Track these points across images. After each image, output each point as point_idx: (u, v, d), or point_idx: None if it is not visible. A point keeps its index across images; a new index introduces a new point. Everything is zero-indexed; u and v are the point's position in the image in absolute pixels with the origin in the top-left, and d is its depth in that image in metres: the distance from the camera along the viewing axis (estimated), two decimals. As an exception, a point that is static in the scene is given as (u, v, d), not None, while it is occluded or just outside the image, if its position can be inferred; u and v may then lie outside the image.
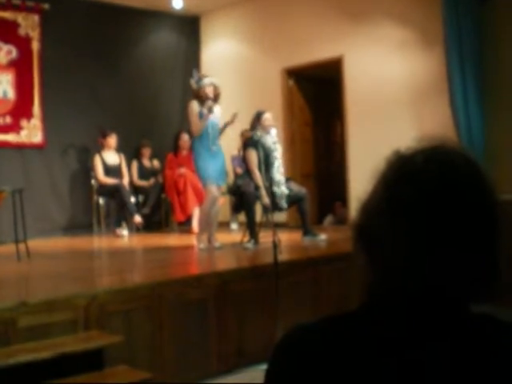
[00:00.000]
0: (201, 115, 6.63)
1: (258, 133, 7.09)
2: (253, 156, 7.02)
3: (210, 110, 6.63)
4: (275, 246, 4.93)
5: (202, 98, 6.69)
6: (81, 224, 9.39)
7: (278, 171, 7.15)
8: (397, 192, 0.96)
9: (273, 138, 7.20)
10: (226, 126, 6.87)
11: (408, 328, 0.96)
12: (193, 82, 6.83)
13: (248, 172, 7.17)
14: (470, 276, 0.94)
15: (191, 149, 7.15)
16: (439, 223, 0.92)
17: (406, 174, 0.97)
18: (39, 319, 3.96)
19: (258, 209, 7.21)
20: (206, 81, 6.78)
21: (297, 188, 7.36)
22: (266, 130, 7.14)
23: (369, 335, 0.96)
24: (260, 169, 6.94)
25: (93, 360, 3.89)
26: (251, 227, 6.97)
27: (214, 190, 6.69)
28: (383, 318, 0.97)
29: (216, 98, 6.78)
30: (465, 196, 0.94)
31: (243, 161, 7.41)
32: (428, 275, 0.93)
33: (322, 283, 5.63)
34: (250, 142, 7.15)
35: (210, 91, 6.71)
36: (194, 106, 6.71)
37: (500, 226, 0.96)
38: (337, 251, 6.51)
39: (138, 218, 8.92)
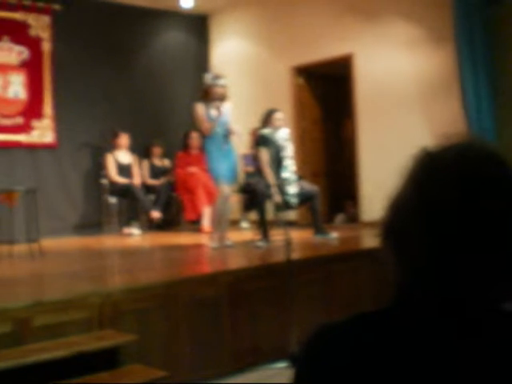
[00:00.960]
0: (208, 116, 6.63)
1: (269, 131, 7.08)
2: (264, 154, 7.02)
3: (220, 111, 6.62)
4: (288, 244, 4.93)
5: (210, 96, 6.68)
6: (92, 223, 9.43)
7: (289, 169, 7.15)
8: (427, 190, 0.95)
9: (284, 136, 7.20)
10: (229, 132, 6.83)
11: (440, 327, 0.95)
12: (208, 78, 6.79)
13: (259, 170, 7.18)
14: (504, 275, 0.93)
15: (202, 148, 7.14)
16: (471, 221, 0.91)
17: (435, 171, 0.96)
18: (54, 318, 3.97)
19: (269, 207, 7.21)
20: (221, 81, 6.77)
21: (308, 186, 7.36)
22: (277, 128, 7.14)
23: (399, 334, 0.96)
24: (271, 167, 6.94)
25: (108, 359, 3.90)
26: (262, 226, 6.97)
27: (225, 189, 6.70)
28: (413, 316, 0.96)
29: (223, 99, 6.76)
30: (497, 192, 0.93)
31: (254, 159, 7.41)
32: (460, 276, 0.92)
33: (334, 281, 5.62)
34: (261, 140, 7.14)
35: (221, 92, 6.70)
36: (199, 108, 6.70)
37: None
38: (349, 249, 6.51)
39: (155, 213, 8.97)
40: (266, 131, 7.08)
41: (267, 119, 7.17)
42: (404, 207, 0.98)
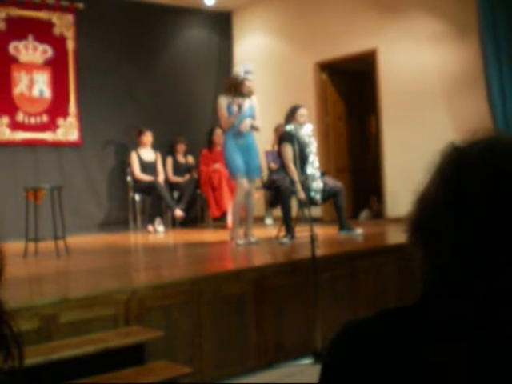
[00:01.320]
0: (229, 110, 6.64)
1: (293, 127, 7.06)
2: (288, 150, 7.01)
3: (240, 108, 6.61)
4: (313, 240, 4.92)
5: (239, 90, 6.66)
6: (117, 220, 9.50)
7: (313, 166, 7.13)
8: (454, 185, 0.94)
9: (308, 133, 7.19)
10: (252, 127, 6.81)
11: (465, 326, 0.94)
12: (241, 71, 6.78)
13: (283, 167, 7.17)
14: None
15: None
16: (500, 215, 0.90)
17: (463, 165, 0.95)
18: (81, 315, 4.00)
19: (294, 203, 7.20)
20: (251, 77, 6.76)
21: (332, 182, 7.34)
22: (301, 125, 7.13)
23: (425, 332, 0.95)
24: (295, 163, 6.92)
25: (133, 355, 3.92)
26: (287, 222, 6.97)
27: (244, 183, 6.68)
28: (439, 315, 0.96)
29: (250, 94, 6.75)
30: None
31: (278, 156, 7.40)
32: (488, 272, 0.91)
33: (359, 278, 5.60)
34: (285, 136, 7.13)
35: (249, 86, 6.70)
36: (222, 101, 6.72)
37: None
38: (374, 246, 6.48)
39: (179, 212, 9.01)
40: (290, 127, 7.05)
41: (291, 115, 7.16)
42: (431, 202, 0.97)
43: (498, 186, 0.91)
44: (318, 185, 7.08)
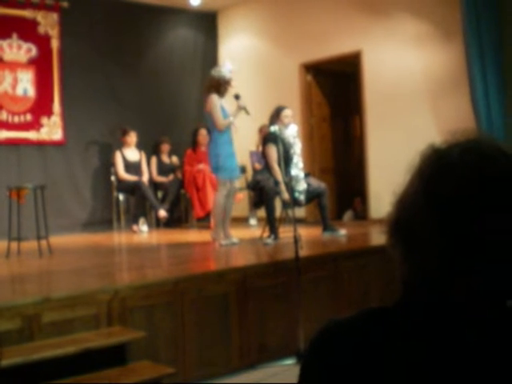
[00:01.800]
0: (222, 110, 6.61)
1: (278, 128, 7.07)
2: (272, 151, 7.01)
3: (246, 110, 6.59)
4: (296, 241, 4.93)
5: (224, 90, 6.65)
6: (100, 220, 9.46)
7: (298, 166, 7.15)
8: (434, 186, 0.94)
9: (292, 133, 7.20)
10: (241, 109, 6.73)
11: (445, 326, 0.94)
12: (226, 71, 6.72)
13: (267, 167, 7.17)
14: (510, 272, 0.92)
15: (210, 142, 6.98)
16: (479, 217, 0.90)
17: (442, 167, 0.95)
18: (62, 315, 3.98)
19: (278, 204, 7.20)
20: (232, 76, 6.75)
21: (316, 183, 7.35)
22: (285, 125, 7.14)
23: (404, 332, 0.95)
24: (279, 164, 6.93)
25: (116, 355, 3.91)
26: (271, 222, 6.97)
27: (227, 184, 6.69)
28: (419, 315, 0.96)
29: (237, 97, 6.72)
30: (505, 188, 0.91)
31: (263, 156, 7.40)
32: (466, 273, 0.91)
33: (342, 278, 5.62)
34: (269, 137, 7.13)
35: (234, 86, 6.70)
36: (216, 99, 6.61)
37: None
38: (357, 247, 6.50)
39: (162, 213, 8.99)
40: (275, 128, 7.07)
41: (276, 116, 7.17)
42: (411, 204, 0.97)
43: (478, 189, 0.91)
44: (302, 186, 7.09)
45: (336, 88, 10.22)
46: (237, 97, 6.64)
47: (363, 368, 0.95)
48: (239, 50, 10.65)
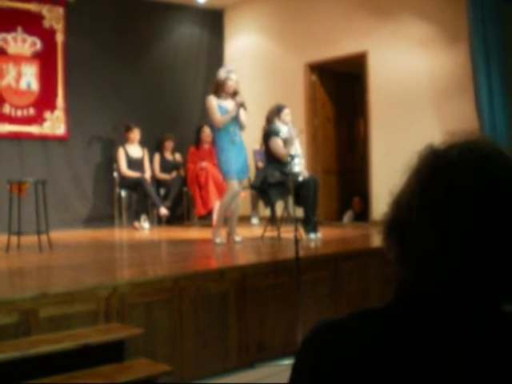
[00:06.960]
0: (220, 109, 6.61)
1: (277, 124, 7.14)
2: (278, 141, 7.05)
3: (243, 106, 6.59)
4: (297, 241, 4.92)
5: (223, 90, 6.65)
6: (102, 216, 9.45)
7: (299, 164, 7.18)
8: (431, 186, 0.93)
9: (291, 132, 7.20)
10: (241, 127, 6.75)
11: (437, 326, 0.94)
12: (222, 73, 6.77)
13: (270, 164, 7.16)
14: (505, 275, 0.91)
15: (213, 143, 7.11)
16: (475, 218, 0.90)
17: (440, 167, 0.95)
18: (60, 310, 3.97)
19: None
20: (234, 76, 6.73)
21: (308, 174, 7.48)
22: (285, 124, 7.20)
23: (398, 331, 0.95)
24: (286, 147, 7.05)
25: (113, 352, 3.89)
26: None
27: (235, 184, 6.66)
28: (413, 315, 0.95)
29: (235, 93, 6.71)
30: (502, 189, 0.91)
31: (265, 153, 7.41)
32: (462, 274, 0.90)
33: (341, 279, 5.60)
34: (271, 131, 7.18)
35: (233, 86, 6.67)
36: (212, 100, 6.66)
37: None
38: (357, 247, 6.48)
39: (163, 210, 8.96)
40: (275, 124, 7.15)
41: (276, 114, 7.25)
42: (407, 204, 0.96)
43: (475, 189, 0.90)
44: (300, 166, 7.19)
45: (341, 89, 10.19)
46: (234, 93, 6.65)
47: (355, 368, 0.94)
48: (244, 49, 10.63)
